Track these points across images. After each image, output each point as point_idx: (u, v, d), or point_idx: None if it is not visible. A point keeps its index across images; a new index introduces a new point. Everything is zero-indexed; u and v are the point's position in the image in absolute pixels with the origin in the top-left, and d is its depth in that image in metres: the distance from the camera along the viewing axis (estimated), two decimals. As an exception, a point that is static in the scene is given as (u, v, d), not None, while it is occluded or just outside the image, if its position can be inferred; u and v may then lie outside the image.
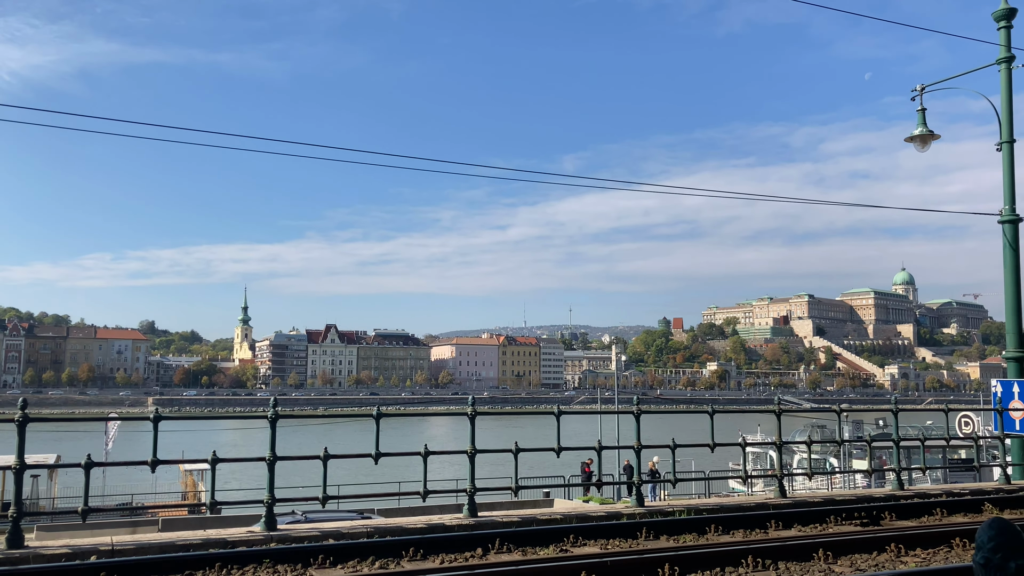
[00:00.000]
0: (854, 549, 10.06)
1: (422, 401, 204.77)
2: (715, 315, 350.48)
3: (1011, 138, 18.44)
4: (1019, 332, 18.31)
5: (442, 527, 11.27)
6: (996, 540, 1.81)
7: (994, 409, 17.35)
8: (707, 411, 13.72)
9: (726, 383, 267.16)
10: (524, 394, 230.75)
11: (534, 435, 64.16)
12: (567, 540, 10.68)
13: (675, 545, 10.51)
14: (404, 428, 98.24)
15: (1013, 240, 18.27)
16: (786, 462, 41.44)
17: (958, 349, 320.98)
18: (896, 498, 14.42)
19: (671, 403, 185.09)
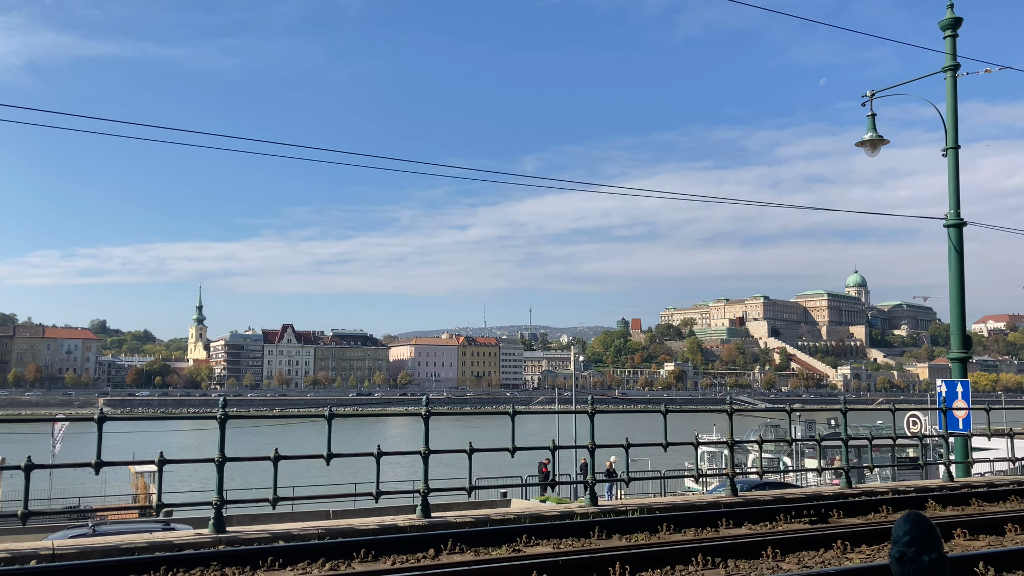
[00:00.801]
0: (802, 546, 10.21)
1: (380, 402, 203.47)
2: (673, 316, 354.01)
3: (956, 144, 18.93)
4: (963, 333, 18.79)
5: (395, 528, 11.20)
6: (911, 535, 1.84)
7: (939, 409, 17.79)
8: (660, 411, 13.84)
9: (683, 383, 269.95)
10: (484, 394, 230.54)
11: (492, 435, 63.95)
12: (520, 540, 10.68)
13: (627, 544, 10.58)
14: (362, 429, 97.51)
15: (958, 243, 18.75)
16: (741, 461, 42.17)
17: (908, 350, 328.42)
18: (844, 496, 14.70)
19: (629, 403, 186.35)
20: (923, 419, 37.34)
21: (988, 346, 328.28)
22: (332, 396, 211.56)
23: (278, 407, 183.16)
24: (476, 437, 13.97)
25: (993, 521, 11.70)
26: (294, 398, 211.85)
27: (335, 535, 10.73)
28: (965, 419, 17.85)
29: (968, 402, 17.93)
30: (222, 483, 10.58)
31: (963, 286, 18.82)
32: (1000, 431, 26.11)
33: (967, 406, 17.85)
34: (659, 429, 13.87)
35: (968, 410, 17.90)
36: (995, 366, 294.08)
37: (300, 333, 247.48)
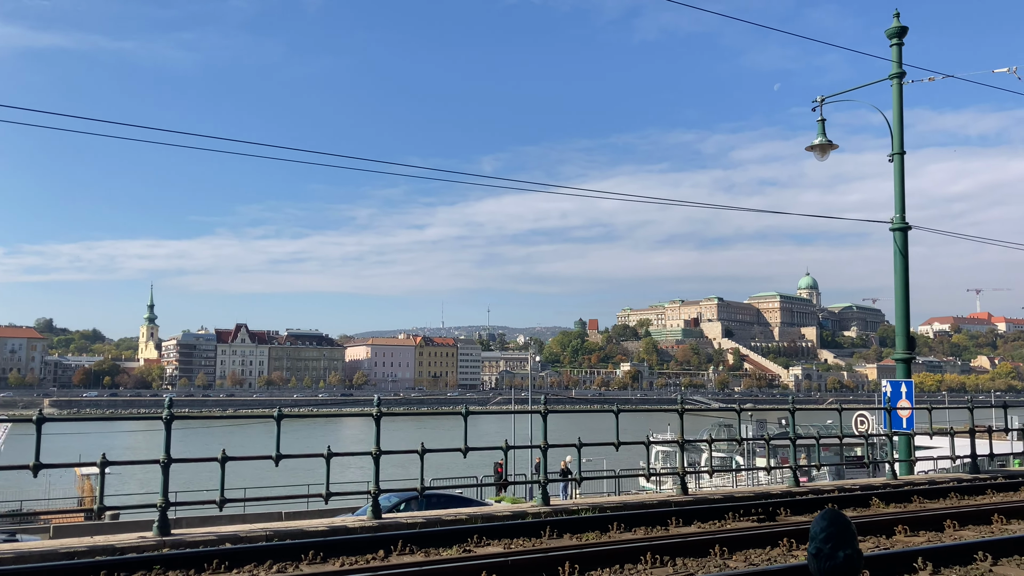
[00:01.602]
0: (749, 544, 10.36)
1: (335, 402, 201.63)
2: (629, 317, 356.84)
3: (901, 150, 19.38)
4: (907, 335, 19.25)
5: (344, 529, 11.10)
6: (827, 531, 1.87)
7: (884, 408, 18.20)
8: (612, 410, 13.93)
9: (639, 383, 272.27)
10: (441, 395, 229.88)
11: (449, 436, 63.74)
12: (471, 540, 10.67)
13: (577, 543, 10.63)
14: (316, 430, 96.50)
15: (903, 247, 19.20)
16: (694, 460, 42.68)
17: (857, 351, 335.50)
18: (792, 494, 14.95)
19: (586, 403, 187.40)
20: (871, 418, 38.18)
21: (933, 347, 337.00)
22: (286, 396, 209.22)
23: (231, 407, 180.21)
24: (432, 438, 13.93)
25: (933, 518, 12.01)
26: (247, 399, 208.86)
27: (284, 537, 10.60)
28: (909, 418, 18.29)
29: (912, 402, 18.36)
30: (167, 485, 10.38)
31: (908, 289, 19.28)
32: (942, 430, 26.84)
33: (911, 406, 18.28)
34: (613, 429, 13.97)
35: (912, 410, 18.35)
36: (940, 367, 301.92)
37: (254, 333, 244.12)
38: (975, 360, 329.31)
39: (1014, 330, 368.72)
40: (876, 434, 21.49)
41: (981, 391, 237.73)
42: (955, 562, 9.32)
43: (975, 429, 18.44)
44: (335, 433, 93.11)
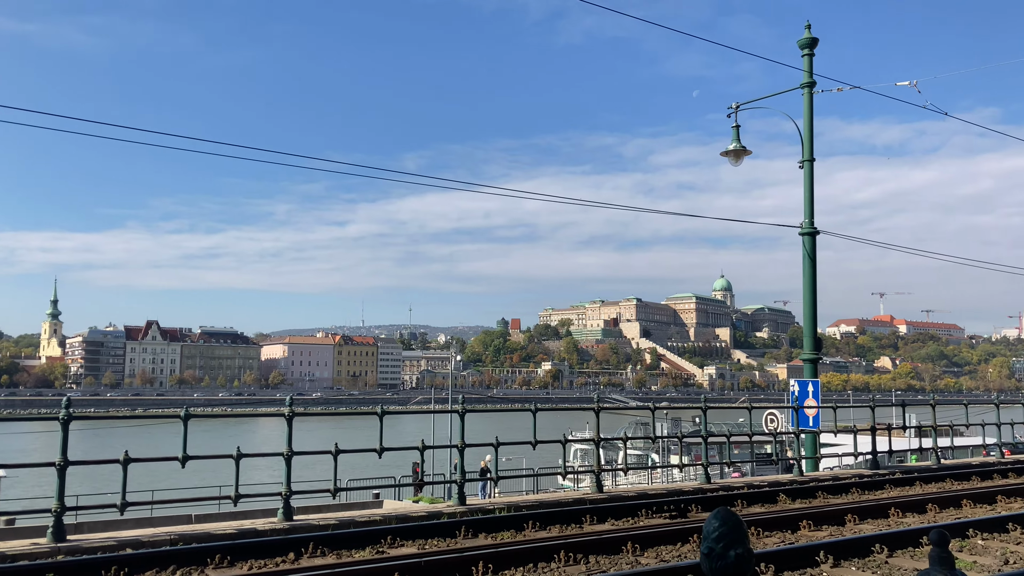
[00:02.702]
0: (660, 541, 10.53)
1: (250, 402, 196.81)
2: (551, 316, 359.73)
3: (811, 157, 20.06)
4: (814, 336, 19.93)
5: (254, 532, 10.81)
6: (719, 530, 1.88)
7: (791, 407, 18.80)
8: (530, 409, 13.97)
9: (559, 382, 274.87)
10: (360, 395, 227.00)
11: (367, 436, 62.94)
12: (385, 541, 10.52)
13: (492, 543, 10.60)
14: (232, 430, 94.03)
15: (811, 251, 19.87)
16: (612, 458, 43.30)
17: (769, 351, 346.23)
18: (703, 491, 15.29)
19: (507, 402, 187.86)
20: (780, 417, 39.48)
21: (840, 348, 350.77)
22: (199, 396, 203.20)
23: (140, 407, 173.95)
24: (350, 438, 13.71)
25: (835, 513, 12.45)
26: (157, 398, 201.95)
27: (189, 540, 10.24)
28: (815, 417, 18.95)
29: (818, 401, 19.04)
30: (63, 488, 9.90)
31: (815, 292, 19.97)
32: (847, 428, 27.91)
33: (817, 405, 18.95)
34: (534, 428, 14.02)
35: (818, 408, 19.02)
36: (846, 367, 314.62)
37: (166, 330, 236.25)
38: (878, 361, 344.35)
39: (914, 332, 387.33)
40: (785, 432, 22.20)
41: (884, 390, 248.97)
42: (854, 555, 9.68)
43: (876, 427, 19.24)
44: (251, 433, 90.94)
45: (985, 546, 10.40)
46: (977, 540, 10.69)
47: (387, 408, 13.11)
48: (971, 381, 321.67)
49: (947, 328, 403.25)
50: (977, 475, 18.14)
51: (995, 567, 9.32)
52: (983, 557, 9.84)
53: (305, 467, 33.77)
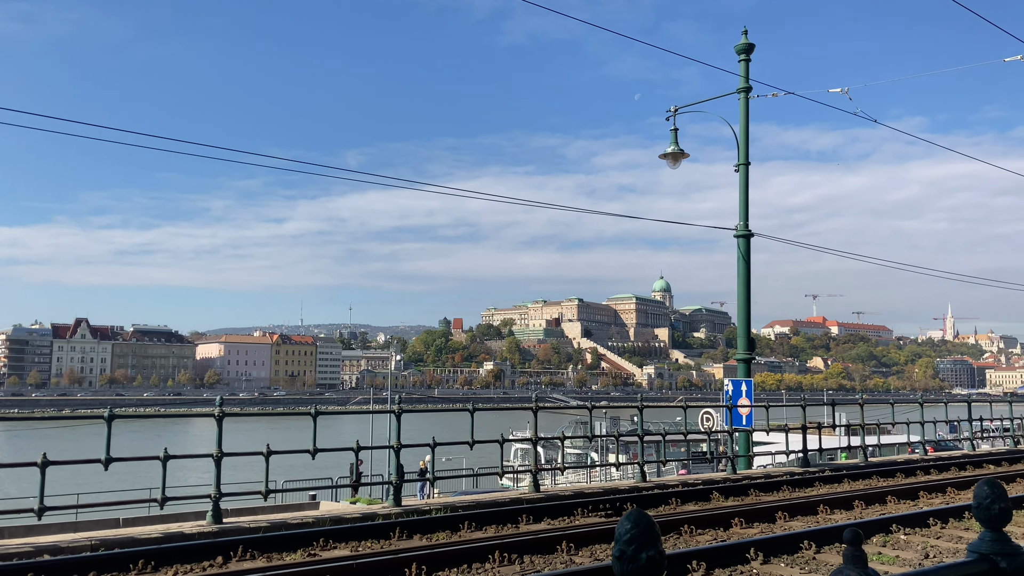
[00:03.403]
0: (596, 540, 10.57)
1: (184, 402, 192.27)
2: (493, 316, 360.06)
3: (747, 161, 20.44)
4: (748, 336, 20.31)
5: (180, 536, 10.50)
6: (631, 532, 1.85)
7: (726, 406, 19.12)
8: (468, 409, 13.91)
9: (501, 382, 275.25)
10: (298, 395, 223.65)
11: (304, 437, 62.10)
12: (317, 544, 10.34)
13: (427, 544, 10.51)
14: (163, 430, 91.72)
15: (745, 253, 20.25)
16: (553, 457, 43.50)
17: (706, 351, 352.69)
18: (639, 489, 15.43)
19: (448, 402, 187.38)
20: (715, 416, 40.19)
21: (774, 348, 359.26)
22: (130, 395, 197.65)
23: (67, 407, 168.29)
24: (288, 439, 13.44)
25: (766, 510, 12.68)
26: (85, 398, 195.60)
27: (112, 546, 9.90)
28: (748, 416, 19.31)
29: (751, 400, 19.40)
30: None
31: (749, 293, 20.36)
32: (780, 426, 28.55)
33: (750, 404, 19.32)
34: (475, 428, 13.97)
35: (751, 407, 19.39)
36: (780, 367, 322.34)
37: (96, 328, 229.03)
38: (811, 361, 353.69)
39: (845, 333, 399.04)
40: (719, 430, 22.58)
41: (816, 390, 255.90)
42: (784, 552, 9.86)
43: (807, 426, 19.70)
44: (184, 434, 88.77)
45: (907, 541, 10.71)
46: (900, 535, 11.00)
47: (322, 409, 12.90)
48: (898, 381, 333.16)
49: (876, 329, 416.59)
50: (901, 472, 18.73)
51: (916, 561, 9.60)
52: (905, 551, 10.13)
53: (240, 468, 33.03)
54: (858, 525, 11.05)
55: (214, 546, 9.76)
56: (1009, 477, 17.71)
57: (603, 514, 13.04)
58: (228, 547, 9.70)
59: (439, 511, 12.41)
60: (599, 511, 13.12)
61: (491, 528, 11.66)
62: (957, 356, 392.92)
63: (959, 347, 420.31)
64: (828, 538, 10.46)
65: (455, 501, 13.95)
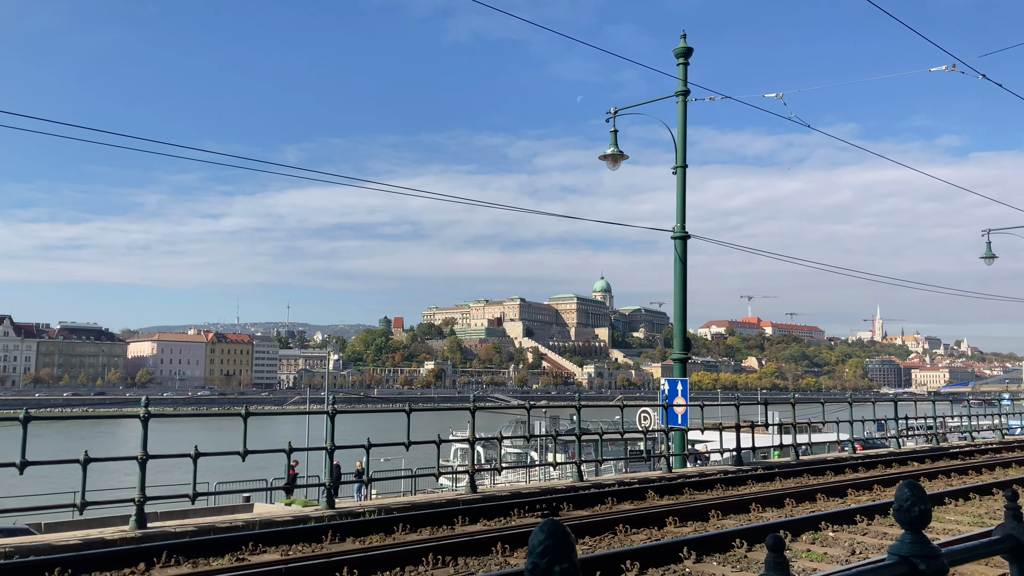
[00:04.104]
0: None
1: (114, 402, 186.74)
2: (435, 315, 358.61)
3: (684, 163, 20.68)
4: (684, 336, 20.55)
5: (101, 542, 10.11)
6: (544, 544, 1.77)
7: (662, 405, 19.31)
8: (404, 410, 13.74)
9: (442, 382, 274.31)
10: (234, 394, 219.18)
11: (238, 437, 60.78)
12: (246, 548, 10.07)
13: (359, 547, 10.33)
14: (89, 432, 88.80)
15: (682, 254, 20.49)
16: (492, 457, 43.44)
17: (645, 351, 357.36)
18: (576, 489, 15.46)
19: (388, 402, 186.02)
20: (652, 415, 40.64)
21: (711, 348, 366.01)
22: (55, 396, 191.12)
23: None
24: (222, 439, 13.04)
25: (700, 509, 12.83)
26: (7, 398, 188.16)
27: (27, 553, 9.47)
28: (683, 415, 19.54)
29: (687, 399, 19.64)
30: None
31: (685, 294, 20.61)
32: (715, 425, 29.01)
33: (685, 403, 19.55)
34: (415, 428, 13.80)
35: (686, 407, 19.62)
36: (716, 366, 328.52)
37: (20, 325, 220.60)
38: (746, 361, 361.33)
39: (779, 334, 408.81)
40: (656, 429, 22.79)
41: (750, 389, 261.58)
42: (716, 550, 9.97)
43: (740, 425, 20.04)
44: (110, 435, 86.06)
45: (835, 538, 10.93)
46: (829, 532, 11.24)
47: (253, 409, 12.60)
48: (829, 380, 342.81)
49: (809, 330, 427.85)
50: (831, 470, 19.18)
51: (843, 557, 9.80)
52: (833, 548, 10.34)
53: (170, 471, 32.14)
54: (789, 523, 11.25)
55: (136, 552, 9.42)
56: (931, 474, 18.30)
57: (539, 514, 13.02)
58: (151, 553, 9.37)
59: (373, 513, 12.22)
60: (535, 511, 13.10)
61: (426, 530, 11.53)
62: (885, 356, 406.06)
63: (887, 348, 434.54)
64: (759, 536, 10.61)
65: (390, 503, 13.76)
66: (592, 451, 35.65)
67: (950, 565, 2.56)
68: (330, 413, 12.70)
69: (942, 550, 2.55)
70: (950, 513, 13.17)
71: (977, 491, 15.04)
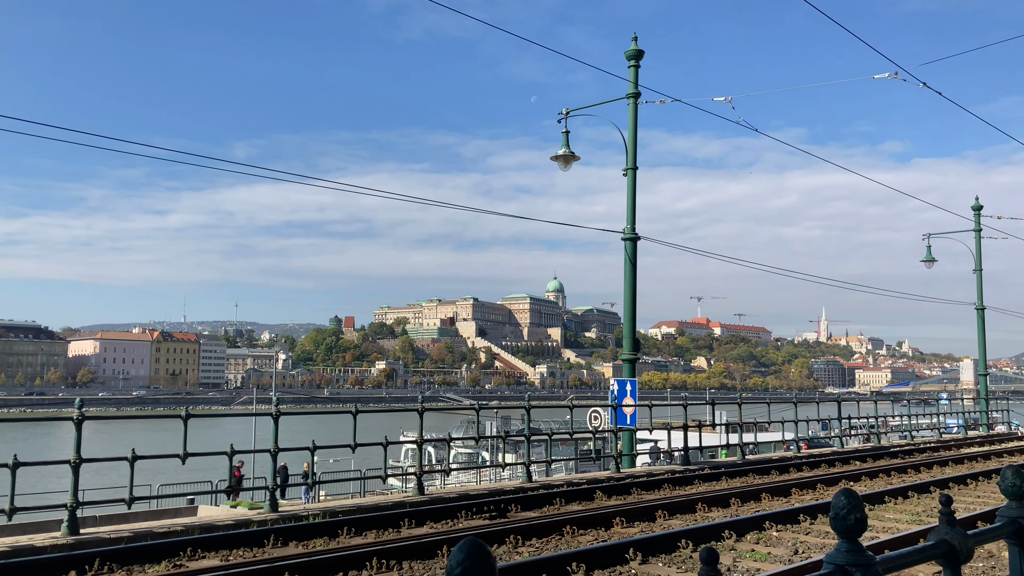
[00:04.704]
0: (477, 543, 10.42)
1: (53, 403, 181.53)
2: (387, 315, 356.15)
3: (634, 165, 20.79)
4: (633, 337, 20.66)
5: (31, 549, 9.73)
6: (463, 565, 1.69)
7: (611, 405, 19.38)
8: (351, 411, 13.54)
9: (394, 382, 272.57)
10: (180, 394, 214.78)
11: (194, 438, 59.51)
12: (184, 554, 9.79)
13: (302, 551, 10.12)
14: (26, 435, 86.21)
15: (632, 255, 20.59)
16: (443, 457, 43.22)
17: (597, 351, 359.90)
18: (524, 490, 15.40)
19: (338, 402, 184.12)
20: (603, 415, 40.87)
21: (661, 348, 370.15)
22: (7, 396, 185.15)
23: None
24: (168, 441, 12.59)
25: (647, 509, 12.87)
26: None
27: (-50, 563, 9.06)
28: (632, 415, 19.65)
29: (635, 399, 19.75)
30: None
31: (635, 295, 20.73)
32: (664, 424, 29.27)
33: (634, 403, 19.66)
34: (364, 429, 13.60)
35: (635, 407, 19.73)
36: (666, 366, 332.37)
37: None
38: (695, 361, 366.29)
39: (727, 334, 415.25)
40: (606, 429, 22.89)
41: (699, 389, 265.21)
42: (662, 551, 9.99)
43: (688, 425, 20.22)
44: (50, 437, 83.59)
45: (779, 537, 11.06)
46: (773, 532, 11.36)
47: (200, 410, 12.27)
48: (776, 380, 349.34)
49: (756, 331, 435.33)
50: (776, 469, 19.46)
51: (786, 557, 9.91)
52: (777, 548, 10.45)
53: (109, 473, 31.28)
54: (734, 523, 11.34)
55: (67, 559, 9.09)
56: (873, 473, 18.69)
57: (487, 516, 12.93)
58: (83, 560, 9.05)
59: (317, 516, 12.00)
60: (483, 513, 13.01)
61: (372, 533, 11.36)
62: (830, 357, 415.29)
63: (831, 348, 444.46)
64: (705, 537, 10.68)
65: (335, 506, 13.54)
66: (543, 451, 35.76)
67: (884, 573, 2.54)
68: (274, 415, 12.45)
69: (876, 558, 2.53)
70: (890, 511, 13.44)
71: (915, 489, 15.38)
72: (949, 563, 2.96)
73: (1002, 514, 3.48)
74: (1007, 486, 3.52)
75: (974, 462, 21.97)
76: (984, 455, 24.34)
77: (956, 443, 28.98)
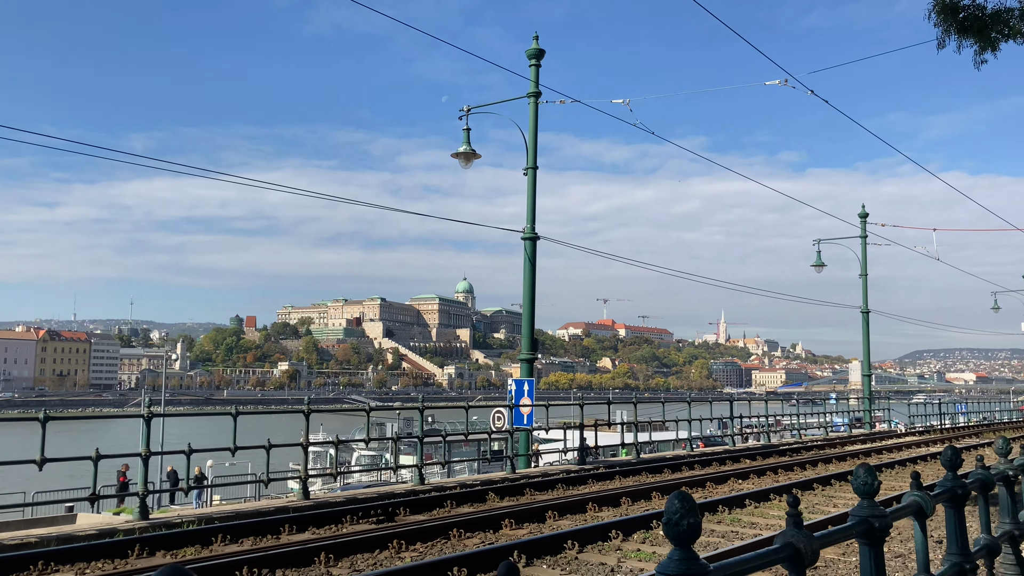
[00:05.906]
0: (358, 549, 10.05)
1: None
2: (290, 315, 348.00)
3: (535, 165, 20.73)
4: (531, 337, 20.60)
5: None
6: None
7: (508, 405, 19.24)
8: (231, 413, 12.92)
9: (297, 383, 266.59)
10: (68, 396, 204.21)
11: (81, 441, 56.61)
12: (35, 568, 9.06)
13: (169, 561, 9.51)
14: None
15: (532, 255, 20.52)
16: (345, 459, 42.32)
17: (505, 352, 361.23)
18: (415, 492, 15.06)
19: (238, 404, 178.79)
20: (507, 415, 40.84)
21: (568, 349, 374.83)
22: None
23: None
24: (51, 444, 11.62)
25: (538, 510, 12.73)
26: None
27: None
28: (529, 415, 19.57)
29: (532, 399, 19.68)
30: None
31: (534, 295, 20.66)
32: (565, 424, 29.39)
33: (531, 403, 19.58)
34: (267, 430, 13.03)
35: (532, 406, 19.66)
36: (572, 367, 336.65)
37: None
38: (601, 361, 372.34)
39: (631, 335, 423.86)
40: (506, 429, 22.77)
41: (604, 389, 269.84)
42: (548, 552, 9.85)
43: (584, 424, 20.27)
44: (-80, 442, 78.01)
45: (665, 536, 11.08)
46: (659, 531, 11.37)
47: (47, 414, 11.40)
48: (678, 380, 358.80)
49: (659, 333, 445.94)
50: (669, 468, 19.71)
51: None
52: (663, 547, 10.45)
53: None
54: (621, 523, 11.31)
55: (-102, 578, 8.26)
56: (760, 471, 19.14)
57: (374, 520, 12.54)
58: (-85, 579, 8.24)
59: (191, 523, 11.37)
60: (370, 517, 12.60)
61: (248, 540, 10.82)
62: (728, 358, 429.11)
63: (730, 350, 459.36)
64: (592, 537, 10.61)
65: (212, 512, 12.89)
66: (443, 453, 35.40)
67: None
68: (145, 416, 11.74)
69: (711, 566, 2.35)
70: (774, 509, 13.71)
71: (799, 486, 15.79)
72: (795, 567, 2.83)
73: (854, 513, 3.40)
74: (859, 484, 3.44)
75: (855, 459, 22.83)
76: (865, 452, 25.39)
77: (841, 441, 30.17)
